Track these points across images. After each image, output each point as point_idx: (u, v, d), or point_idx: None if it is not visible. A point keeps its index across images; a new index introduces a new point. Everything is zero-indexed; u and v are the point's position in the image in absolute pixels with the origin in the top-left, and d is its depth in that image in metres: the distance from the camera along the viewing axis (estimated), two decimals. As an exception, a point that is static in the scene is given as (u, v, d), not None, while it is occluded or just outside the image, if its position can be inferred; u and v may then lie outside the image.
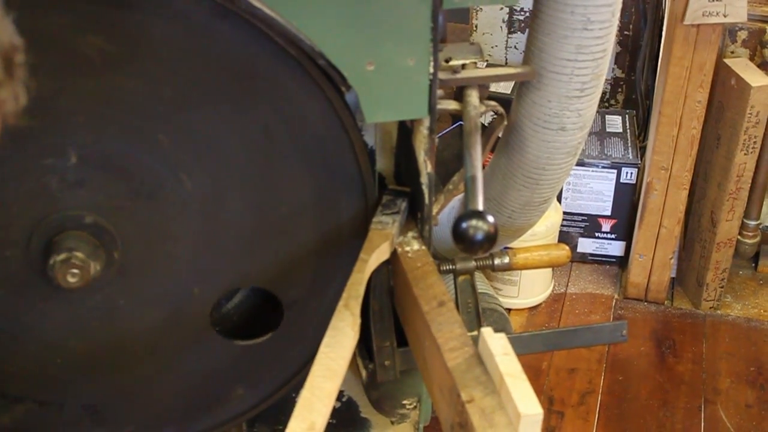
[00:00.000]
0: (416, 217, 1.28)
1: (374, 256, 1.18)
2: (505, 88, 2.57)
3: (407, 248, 1.24)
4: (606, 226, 2.66)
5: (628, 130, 2.70)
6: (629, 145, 2.62)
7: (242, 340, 1.34)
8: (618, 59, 2.91)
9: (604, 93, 2.98)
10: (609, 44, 1.25)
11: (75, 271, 1.15)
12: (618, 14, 1.23)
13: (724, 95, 2.33)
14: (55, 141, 1.13)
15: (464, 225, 0.98)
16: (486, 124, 1.37)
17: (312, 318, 1.31)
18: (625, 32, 2.86)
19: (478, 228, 0.97)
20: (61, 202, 1.16)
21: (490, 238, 0.98)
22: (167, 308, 1.27)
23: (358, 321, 1.09)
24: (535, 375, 2.28)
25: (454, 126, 2.64)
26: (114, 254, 1.20)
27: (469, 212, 0.99)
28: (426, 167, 1.21)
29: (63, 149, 1.14)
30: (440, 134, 2.57)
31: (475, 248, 0.98)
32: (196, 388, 1.36)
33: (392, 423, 1.46)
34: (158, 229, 1.22)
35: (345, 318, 1.08)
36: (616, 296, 2.62)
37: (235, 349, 1.33)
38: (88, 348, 1.28)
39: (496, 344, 0.97)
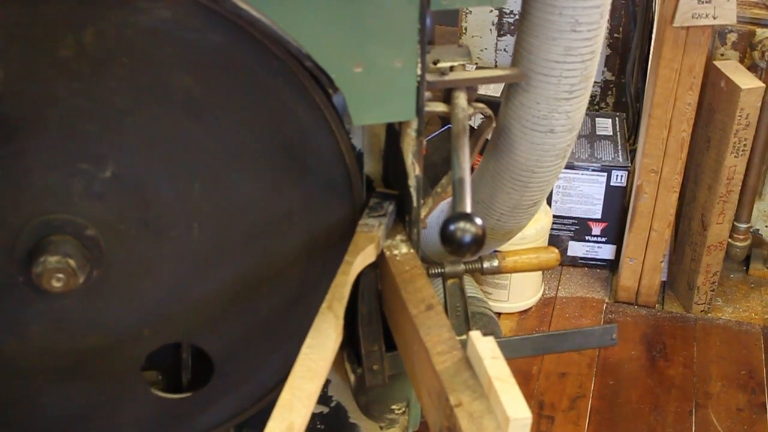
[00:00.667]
0: (404, 220, 1.28)
1: (359, 259, 1.18)
2: (494, 90, 2.58)
3: (395, 251, 1.24)
4: (596, 229, 2.67)
5: (618, 133, 2.71)
6: (619, 148, 2.63)
7: (164, 392, 1.35)
8: (608, 62, 2.93)
9: (593, 96, 2.99)
10: (598, 46, 1.25)
11: (61, 276, 1.14)
12: (607, 16, 1.24)
13: (713, 98, 2.34)
14: (101, 150, 1.14)
15: (452, 227, 0.98)
16: (475, 127, 1.37)
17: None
18: (615, 35, 2.87)
19: (465, 230, 0.97)
20: (74, 206, 1.16)
21: (478, 241, 0.98)
22: (107, 340, 1.27)
23: (341, 323, 1.09)
24: (525, 379, 2.28)
25: (443, 129, 2.65)
26: (94, 272, 1.20)
27: (456, 214, 0.99)
28: (414, 170, 1.22)
29: (103, 160, 1.14)
30: (429, 137, 2.57)
31: (463, 251, 0.98)
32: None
33: (381, 428, 1.46)
34: (146, 263, 1.22)
35: (328, 319, 1.08)
36: (606, 300, 2.63)
37: (154, 399, 1.34)
38: (26, 354, 1.27)
39: (485, 348, 0.97)
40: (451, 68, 1.24)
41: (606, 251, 2.71)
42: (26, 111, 1.10)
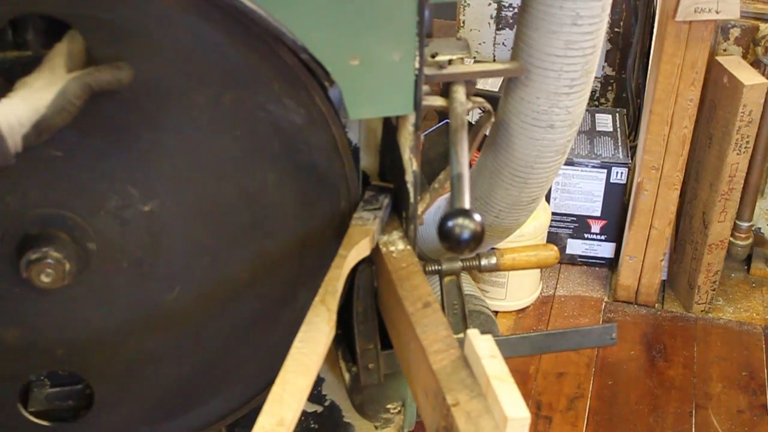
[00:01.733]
0: (401, 216, 1.28)
1: (353, 253, 1.18)
2: (492, 85, 2.58)
3: (392, 248, 1.24)
4: (595, 227, 2.67)
5: (619, 129, 2.71)
6: (619, 144, 2.63)
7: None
8: (608, 56, 2.93)
9: (594, 91, 2.99)
10: (599, 40, 1.25)
11: (50, 271, 1.14)
12: (608, 9, 1.24)
13: (716, 94, 2.34)
14: (156, 187, 1.17)
15: (450, 223, 0.98)
16: (473, 122, 1.37)
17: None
18: (616, 29, 2.87)
19: (464, 227, 0.97)
20: (95, 217, 1.17)
21: (477, 237, 0.97)
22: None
23: (334, 317, 1.08)
24: (522, 379, 2.28)
25: (440, 124, 2.64)
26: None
27: (455, 210, 0.99)
28: (411, 165, 1.21)
29: (152, 195, 1.18)
30: (426, 132, 2.57)
31: (461, 247, 0.98)
32: None
33: (376, 428, 1.46)
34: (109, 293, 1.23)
35: (320, 313, 1.08)
36: (605, 299, 2.63)
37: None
38: None
39: (483, 346, 0.97)
40: (450, 62, 1.23)
41: (605, 249, 2.71)
42: (141, 109, 1.13)
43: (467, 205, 1.01)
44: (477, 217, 0.98)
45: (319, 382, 1.45)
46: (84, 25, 1.04)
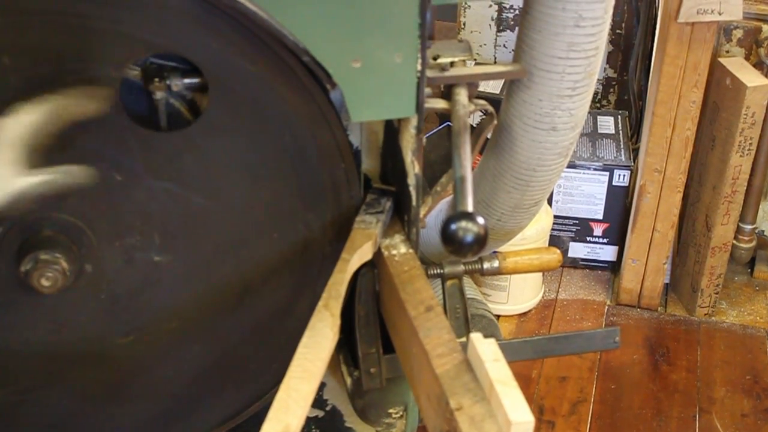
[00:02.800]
0: (403, 219, 1.29)
1: (356, 256, 1.18)
2: (494, 87, 2.58)
3: (394, 252, 1.24)
4: (598, 230, 2.67)
5: (621, 132, 2.72)
6: (622, 146, 2.63)
7: None
8: (610, 58, 2.93)
9: (595, 93, 2.99)
10: (601, 42, 1.25)
11: (50, 274, 1.14)
12: (611, 11, 1.24)
13: (719, 95, 2.34)
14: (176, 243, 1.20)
15: (453, 227, 0.98)
16: (475, 125, 1.37)
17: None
18: (618, 31, 2.87)
19: (467, 230, 0.97)
20: (104, 247, 1.18)
21: (480, 240, 0.98)
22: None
23: (337, 322, 1.09)
24: (525, 383, 2.28)
25: (442, 126, 2.65)
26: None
27: (458, 213, 0.99)
28: (413, 168, 1.22)
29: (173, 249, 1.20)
30: (427, 135, 2.57)
31: (464, 250, 0.98)
32: None
33: (378, 432, 1.46)
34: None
35: (324, 318, 1.08)
36: (608, 302, 2.63)
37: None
38: None
39: (486, 350, 0.97)
40: (452, 64, 1.24)
41: (608, 252, 2.71)
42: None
43: (470, 208, 1.02)
44: (480, 220, 0.99)
45: (320, 386, 1.45)
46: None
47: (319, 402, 1.47)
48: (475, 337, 0.99)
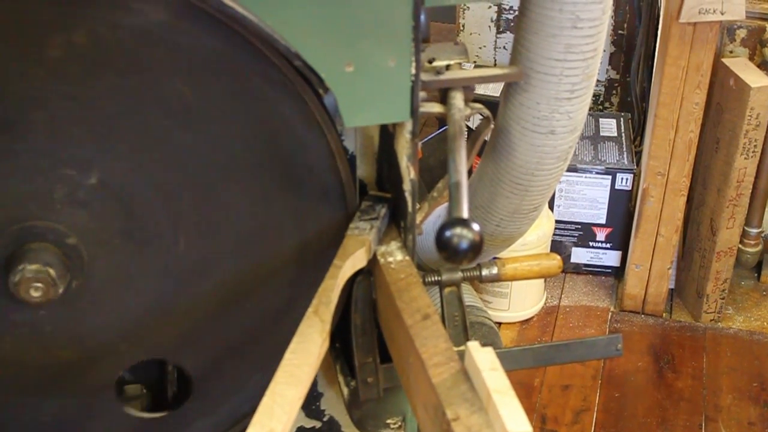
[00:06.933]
0: (399, 226, 1.29)
1: (349, 263, 1.18)
2: (494, 90, 2.59)
3: (390, 259, 1.24)
4: (601, 234, 2.67)
5: (623, 134, 2.72)
6: (624, 149, 2.64)
7: (143, 410, 1.34)
8: (612, 59, 2.93)
9: (598, 95, 3.00)
10: (600, 43, 1.25)
11: (39, 285, 1.14)
12: (609, 11, 1.24)
13: (722, 96, 2.34)
14: (87, 155, 1.14)
15: (448, 233, 0.98)
16: (473, 128, 1.37)
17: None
18: (620, 31, 2.88)
19: (462, 236, 0.97)
20: (55, 213, 1.16)
21: (475, 247, 0.98)
22: (80, 352, 1.26)
23: (327, 328, 1.09)
24: (527, 392, 2.28)
25: (440, 131, 2.65)
26: (73, 283, 1.20)
27: (453, 220, 0.99)
28: (409, 173, 1.22)
29: (89, 166, 1.14)
30: (426, 139, 2.57)
31: (459, 258, 0.98)
32: None
33: (376, 444, 1.46)
34: (127, 276, 1.22)
35: (313, 324, 1.08)
36: (611, 309, 2.63)
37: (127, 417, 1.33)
38: None
39: (483, 359, 0.97)
40: (447, 67, 1.24)
41: (611, 258, 2.72)
42: (12, 112, 1.10)
43: (465, 214, 1.01)
44: (475, 226, 0.99)
45: (317, 397, 1.45)
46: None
47: (316, 412, 1.47)
48: (472, 345, 0.99)
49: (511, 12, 2.97)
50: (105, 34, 1.07)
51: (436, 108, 1.25)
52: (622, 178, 2.58)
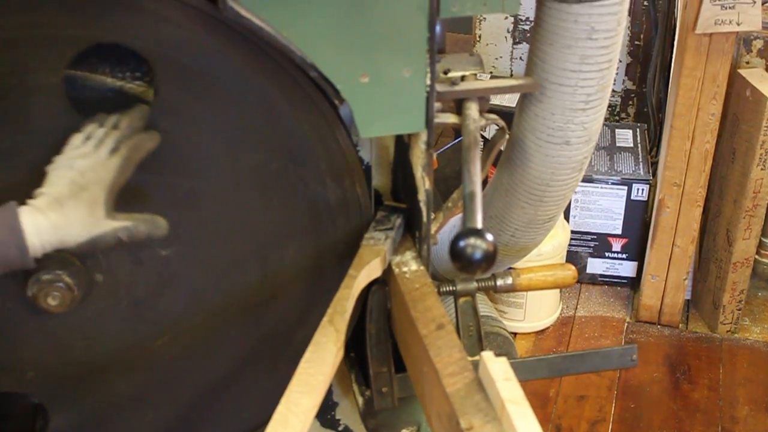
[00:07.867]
0: (414, 236, 1.29)
1: (364, 273, 1.18)
2: (509, 101, 2.59)
3: (405, 269, 1.25)
4: (616, 245, 2.67)
5: (639, 145, 2.71)
6: (640, 160, 2.63)
7: None
8: (629, 70, 2.93)
9: (614, 106, 2.99)
10: (615, 54, 1.25)
11: (57, 294, 1.15)
12: (624, 23, 1.24)
13: (738, 107, 2.34)
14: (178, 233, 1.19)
15: (462, 243, 0.98)
16: (488, 138, 1.37)
17: None
18: (636, 42, 2.87)
19: (476, 247, 0.97)
20: (109, 253, 1.19)
21: (489, 257, 0.98)
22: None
23: (342, 337, 1.09)
24: (542, 403, 2.28)
25: (456, 141, 2.66)
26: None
27: (467, 230, 0.99)
28: (424, 184, 1.22)
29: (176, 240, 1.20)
30: (441, 150, 2.58)
31: (473, 268, 0.98)
32: None
33: (390, 453, 1.46)
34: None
35: (328, 333, 1.09)
36: (627, 319, 2.62)
37: None
38: None
39: (497, 369, 0.97)
40: (463, 78, 1.24)
41: (627, 268, 2.71)
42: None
43: (479, 224, 1.02)
44: (489, 236, 0.99)
45: (332, 406, 1.45)
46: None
47: (331, 422, 1.47)
48: (487, 355, 0.99)
49: (528, 23, 2.97)
50: None
51: (451, 118, 1.25)
52: (638, 189, 2.57)
